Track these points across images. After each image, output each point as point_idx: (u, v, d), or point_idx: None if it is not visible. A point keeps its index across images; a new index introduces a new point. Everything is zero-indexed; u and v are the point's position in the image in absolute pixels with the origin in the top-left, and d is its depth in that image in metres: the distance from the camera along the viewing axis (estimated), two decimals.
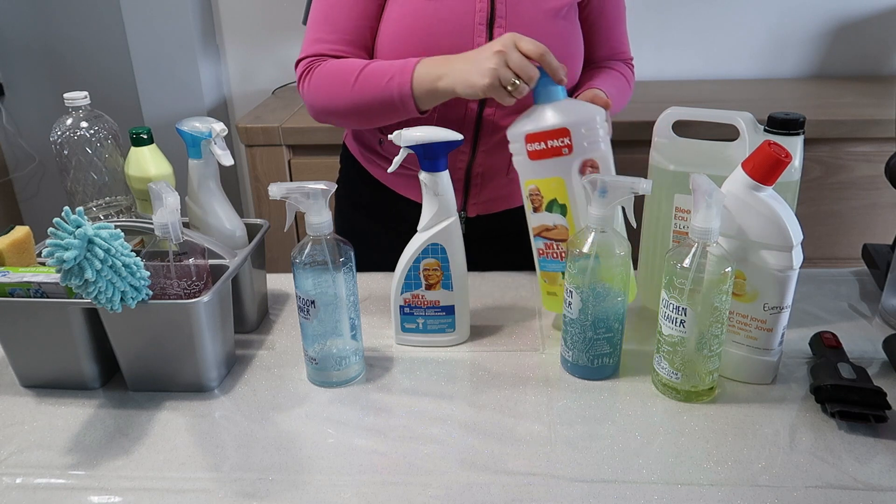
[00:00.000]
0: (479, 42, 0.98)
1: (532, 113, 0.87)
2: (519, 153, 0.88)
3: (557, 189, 0.87)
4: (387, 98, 0.95)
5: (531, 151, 0.86)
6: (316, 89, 1.01)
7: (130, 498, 0.68)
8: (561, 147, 0.85)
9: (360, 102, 0.97)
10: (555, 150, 0.86)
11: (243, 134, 1.79)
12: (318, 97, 1.02)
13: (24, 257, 0.87)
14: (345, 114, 1.01)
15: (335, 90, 0.99)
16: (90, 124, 1.03)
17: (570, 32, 1.05)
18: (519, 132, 0.87)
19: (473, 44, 0.98)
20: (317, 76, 1.01)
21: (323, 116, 1.05)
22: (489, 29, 0.98)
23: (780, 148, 0.74)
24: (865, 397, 0.75)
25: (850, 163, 1.72)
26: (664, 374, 0.80)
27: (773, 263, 0.77)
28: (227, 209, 0.97)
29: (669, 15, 2.10)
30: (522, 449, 0.73)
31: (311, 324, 0.82)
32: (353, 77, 0.97)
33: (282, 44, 2.22)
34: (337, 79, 0.99)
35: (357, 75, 0.97)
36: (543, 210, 0.88)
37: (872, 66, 2.13)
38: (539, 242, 0.91)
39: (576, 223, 0.88)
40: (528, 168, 0.88)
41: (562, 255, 0.90)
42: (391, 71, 0.94)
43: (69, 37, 2.37)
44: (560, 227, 0.89)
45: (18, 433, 0.78)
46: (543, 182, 0.88)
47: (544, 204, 0.88)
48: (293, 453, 0.74)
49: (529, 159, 0.87)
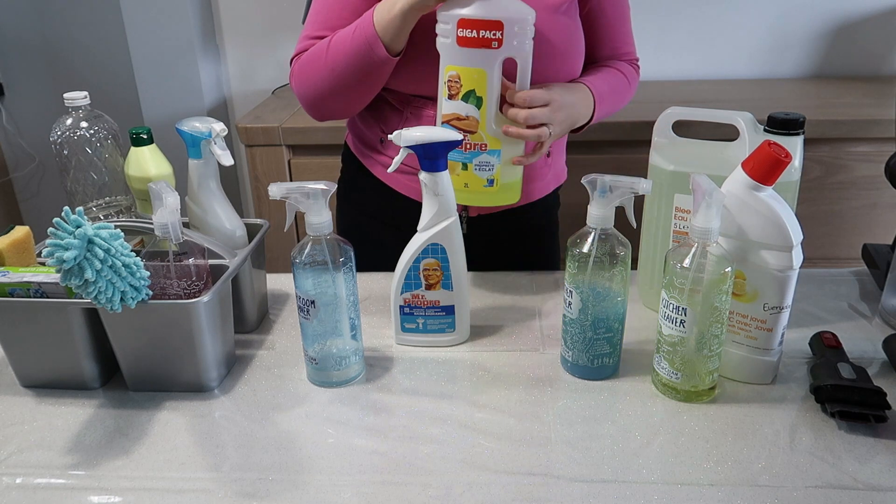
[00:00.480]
0: None
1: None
2: (447, 35, 0.89)
3: (478, 80, 0.88)
4: (358, 52, 0.95)
5: (461, 37, 0.87)
6: (299, 79, 1.04)
7: (130, 498, 0.68)
8: (491, 39, 0.86)
9: (336, 70, 0.99)
10: (485, 41, 0.86)
11: (243, 134, 1.79)
12: (302, 85, 1.04)
13: (24, 257, 0.87)
14: (331, 91, 1.02)
15: (313, 70, 1.01)
16: (90, 124, 1.03)
17: (571, 28, 1.05)
18: (452, 14, 0.87)
19: None
20: (297, 67, 1.05)
21: (313, 106, 1.06)
22: None
23: (780, 148, 0.74)
24: (865, 397, 0.75)
25: (850, 163, 1.72)
26: (664, 374, 0.80)
27: (773, 263, 0.77)
28: (227, 209, 0.97)
29: (669, 15, 2.10)
30: (522, 449, 0.73)
31: (311, 324, 0.82)
32: (324, 50, 0.99)
33: (282, 44, 2.22)
34: (312, 59, 1.01)
35: (327, 46, 0.99)
36: (459, 99, 0.89)
37: (872, 66, 2.13)
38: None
39: (488, 117, 0.90)
40: (452, 53, 0.89)
41: (466, 146, 0.92)
42: (354, 25, 0.97)
43: (69, 37, 2.37)
44: (471, 119, 0.90)
45: (18, 433, 0.78)
46: (465, 70, 0.89)
47: (461, 93, 0.89)
48: (293, 453, 0.74)
49: (457, 45, 0.87)
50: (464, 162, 0.93)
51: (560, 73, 1.04)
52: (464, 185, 0.95)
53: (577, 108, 1.02)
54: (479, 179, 0.93)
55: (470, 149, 0.92)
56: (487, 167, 0.93)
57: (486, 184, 0.93)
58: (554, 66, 1.02)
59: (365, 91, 1.03)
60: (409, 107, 1.06)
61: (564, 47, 1.03)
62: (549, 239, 1.26)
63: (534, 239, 1.23)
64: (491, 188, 0.94)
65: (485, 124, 0.91)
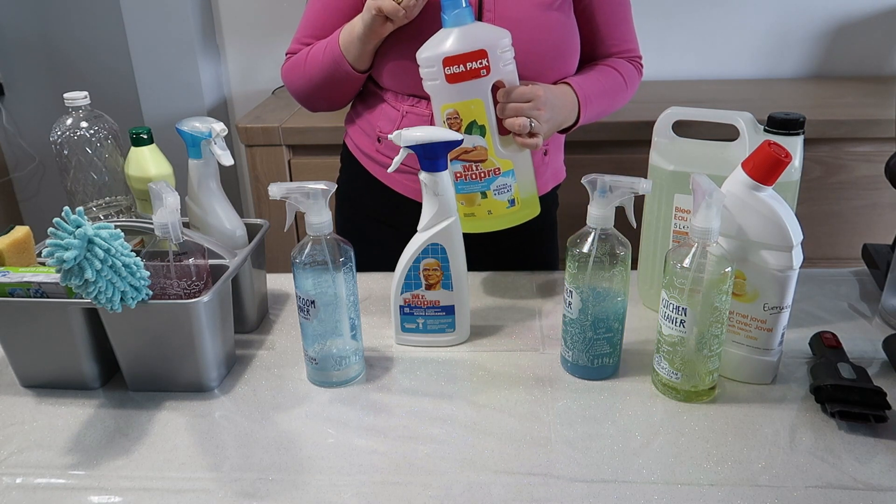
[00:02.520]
0: None
1: (444, 36, 0.89)
2: (434, 77, 0.90)
3: (476, 111, 0.90)
4: (327, 67, 1.05)
5: (449, 75, 0.88)
6: (286, 81, 1.14)
7: (130, 498, 0.68)
8: (479, 69, 0.88)
9: (313, 79, 1.08)
10: (473, 72, 0.88)
11: (243, 134, 1.79)
12: (289, 86, 1.14)
13: (24, 257, 0.87)
14: (311, 94, 1.12)
15: (296, 76, 1.11)
16: (90, 124, 1.03)
17: (564, 25, 1.04)
18: (434, 56, 0.88)
19: None
20: (284, 71, 1.14)
21: (301, 102, 1.16)
22: None
23: (780, 148, 0.74)
24: (865, 397, 0.75)
25: (850, 163, 1.72)
26: (664, 374, 0.80)
27: (773, 263, 0.77)
28: (227, 209, 0.97)
29: (670, 15, 2.10)
30: (522, 449, 0.73)
31: (311, 324, 0.82)
32: (303, 60, 1.08)
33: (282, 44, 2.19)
34: (295, 66, 1.11)
35: (306, 57, 1.08)
36: (462, 132, 0.90)
37: (872, 66, 2.13)
38: (457, 165, 0.94)
39: (494, 142, 0.92)
40: (445, 92, 0.90)
41: (481, 175, 0.93)
42: (326, 41, 1.05)
43: (69, 37, 2.37)
44: (479, 149, 0.92)
45: (18, 433, 0.78)
46: (462, 105, 0.90)
47: (463, 126, 0.90)
48: (293, 453, 0.74)
49: (447, 83, 0.89)
50: (482, 191, 0.94)
51: (552, 70, 1.03)
52: (487, 213, 0.96)
53: (562, 111, 1.01)
54: (501, 203, 0.95)
55: (485, 176, 0.93)
56: (506, 189, 0.94)
57: (509, 205, 0.95)
58: (546, 63, 1.02)
59: (342, 94, 1.13)
60: (406, 106, 1.06)
61: (557, 44, 1.02)
62: (548, 239, 1.26)
63: (533, 239, 1.23)
64: (514, 208, 0.95)
65: (493, 150, 0.93)
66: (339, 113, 1.91)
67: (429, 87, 0.92)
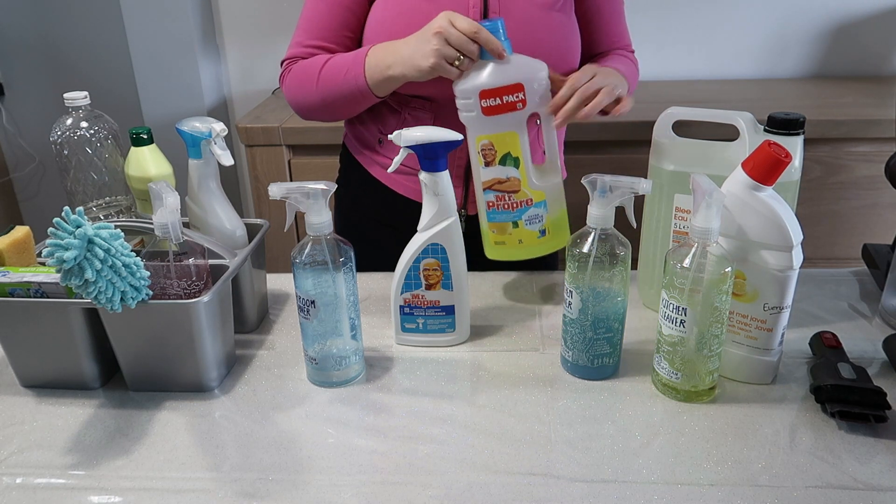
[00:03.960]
0: None
1: (482, 68, 0.89)
2: (470, 109, 0.90)
3: (511, 142, 0.90)
4: (347, 91, 1.01)
5: (486, 107, 0.88)
6: (289, 90, 1.09)
7: (130, 498, 0.68)
8: (516, 102, 0.88)
9: (326, 98, 1.04)
10: (510, 106, 0.88)
11: (243, 134, 1.79)
12: (292, 97, 1.09)
13: (24, 257, 0.87)
14: (318, 109, 1.08)
15: (304, 89, 1.06)
16: (90, 124, 1.03)
17: (567, 25, 1.05)
18: (471, 88, 0.88)
19: None
20: (290, 77, 1.08)
21: (304, 114, 1.11)
22: None
23: (780, 148, 0.74)
24: (865, 397, 0.75)
25: (850, 163, 1.72)
26: (664, 374, 0.80)
27: (773, 263, 0.77)
28: (227, 209, 0.97)
29: (669, 15, 2.10)
30: (522, 449, 0.73)
31: (311, 324, 0.82)
32: (316, 74, 1.03)
33: (282, 44, 2.20)
34: (304, 77, 1.05)
35: (319, 72, 1.03)
36: (496, 164, 0.90)
37: (872, 66, 2.13)
38: (490, 195, 0.93)
39: (528, 174, 0.91)
40: (480, 123, 0.90)
41: (513, 205, 0.93)
42: (347, 64, 1.00)
43: (69, 36, 2.37)
44: (513, 180, 0.92)
45: (18, 433, 0.78)
46: (497, 137, 0.90)
47: (497, 158, 0.90)
48: (293, 453, 0.74)
49: (483, 115, 0.89)
50: (514, 220, 0.94)
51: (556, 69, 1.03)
52: (518, 242, 0.96)
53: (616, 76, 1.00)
54: (532, 233, 0.95)
55: (517, 207, 0.93)
56: (537, 219, 0.94)
57: (539, 235, 0.95)
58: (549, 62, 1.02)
59: (353, 113, 1.10)
60: (407, 108, 1.06)
61: (559, 45, 1.03)
62: None
63: None
64: (544, 237, 0.95)
65: (526, 181, 0.92)
66: None
67: (464, 118, 0.91)
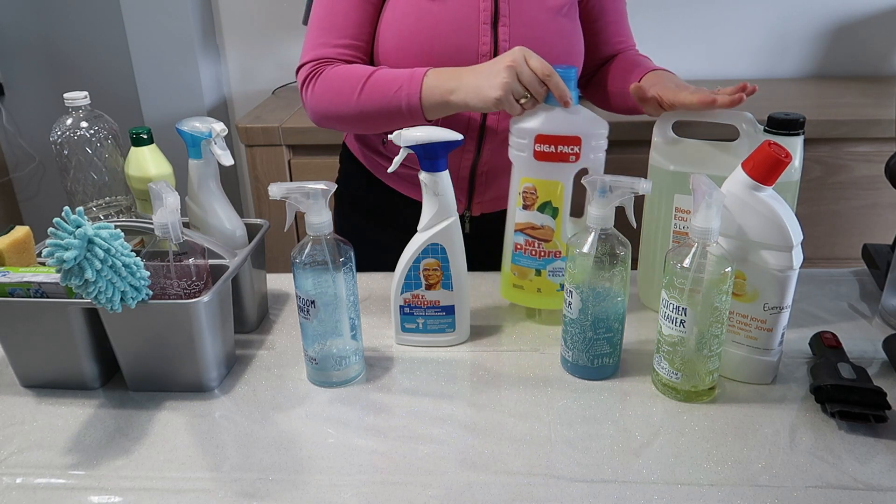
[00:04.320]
0: (484, 41, 0.98)
1: (543, 112, 0.87)
2: (522, 150, 0.88)
3: (554, 192, 0.88)
4: (394, 107, 0.95)
5: (538, 152, 0.86)
6: (320, 95, 1.01)
7: (130, 498, 0.68)
8: (569, 154, 0.86)
9: (365, 110, 0.97)
10: (562, 156, 0.86)
11: (243, 134, 1.79)
12: (322, 103, 1.01)
13: (24, 257, 0.87)
14: (348, 120, 1.01)
15: (340, 97, 0.99)
16: (90, 124, 1.03)
17: (572, 30, 1.05)
18: (528, 129, 0.86)
19: (478, 43, 0.98)
20: (321, 82, 1.00)
21: (325, 122, 1.04)
22: (493, 28, 0.99)
23: (780, 148, 0.74)
24: (865, 397, 0.75)
25: (850, 163, 1.72)
26: (664, 374, 0.80)
27: (773, 263, 0.77)
28: (227, 209, 0.97)
29: (670, 15, 2.10)
30: (522, 449, 0.73)
31: (311, 324, 0.82)
32: (359, 84, 0.97)
33: (282, 44, 2.22)
34: (343, 85, 0.98)
35: (364, 83, 0.96)
36: (535, 209, 0.89)
37: (872, 66, 2.13)
38: (520, 238, 0.92)
39: (563, 226, 0.89)
40: (528, 166, 0.88)
41: (541, 254, 0.91)
42: (399, 80, 0.94)
43: (69, 36, 2.37)
44: (546, 228, 0.90)
45: (18, 433, 0.78)
46: (542, 183, 0.88)
47: (537, 204, 0.88)
48: (293, 453, 0.74)
49: (534, 158, 0.87)
50: (537, 269, 0.93)
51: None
52: (536, 290, 0.94)
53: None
54: (552, 284, 0.93)
55: (545, 256, 0.92)
56: (561, 273, 0.92)
57: (559, 288, 0.93)
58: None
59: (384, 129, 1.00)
60: None
61: (567, 49, 1.04)
62: None
63: None
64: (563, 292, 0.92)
65: (559, 233, 0.90)
66: None
67: (514, 156, 0.90)
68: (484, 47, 0.99)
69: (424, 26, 0.98)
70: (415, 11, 0.99)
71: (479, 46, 0.98)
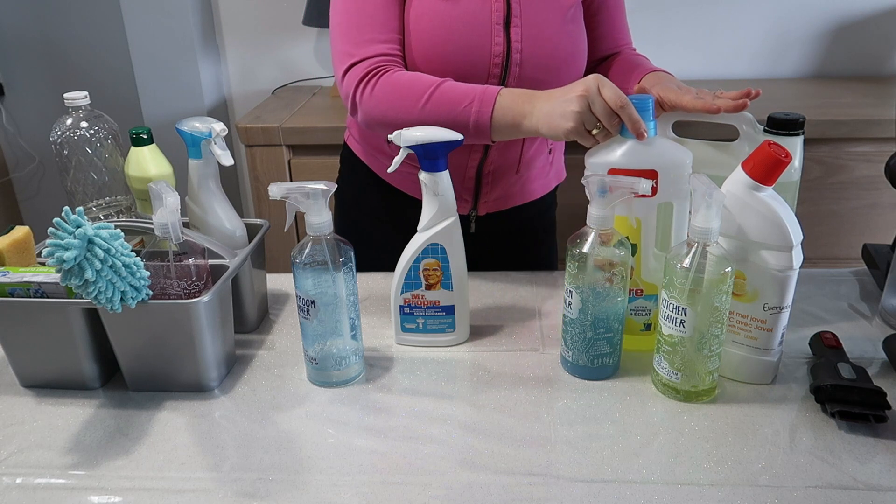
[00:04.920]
0: (497, 42, 0.98)
1: (619, 144, 0.82)
2: None
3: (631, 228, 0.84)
4: (460, 122, 0.91)
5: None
6: (379, 101, 0.96)
7: (130, 498, 0.68)
8: None
9: (427, 120, 0.92)
10: None
11: (243, 134, 1.79)
12: (381, 108, 0.96)
13: (24, 257, 0.87)
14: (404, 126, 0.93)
15: (403, 105, 0.94)
16: (90, 124, 1.03)
17: (578, 33, 1.06)
18: (602, 163, 0.82)
19: (491, 43, 0.98)
20: (382, 86, 0.95)
21: (377, 127, 0.99)
22: (506, 29, 0.99)
23: (780, 148, 0.74)
24: (865, 397, 0.75)
25: (850, 163, 1.72)
26: (664, 374, 0.80)
27: (773, 263, 0.77)
28: (227, 209, 0.97)
29: (669, 15, 2.10)
30: (522, 449, 0.73)
31: (311, 324, 0.82)
32: (425, 94, 0.92)
33: (282, 44, 2.22)
34: (407, 93, 0.94)
35: (431, 93, 0.92)
36: (612, 245, 0.81)
37: (872, 66, 2.13)
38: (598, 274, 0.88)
39: (644, 263, 0.86)
40: None
41: None
42: (471, 95, 0.91)
43: (69, 36, 2.37)
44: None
45: (18, 433, 0.78)
46: (619, 218, 0.83)
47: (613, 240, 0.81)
48: (293, 453, 0.74)
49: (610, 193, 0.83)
50: None
51: (567, 75, 1.04)
52: None
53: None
54: (636, 324, 0.90)
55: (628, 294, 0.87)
56: (644, 312, 0.89)
57: (643, 328, 0.90)
58: (563, 69, 1.03)
59: None
60: None
61: (573, 52, 1.04)
62: (547, 239, 1.26)
63: (533, 239, 1.23)
64: (648, 332, 0.90)
65: (640, 270, 0.86)
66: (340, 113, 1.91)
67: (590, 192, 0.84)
68: (497, 47, 0.99)
69: (438, 25, 0.98)
70: (429, 12, 0.99)
71: (492, 47, 0.98)
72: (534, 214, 1.20)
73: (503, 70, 1.00)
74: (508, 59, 0.99)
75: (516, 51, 0.99)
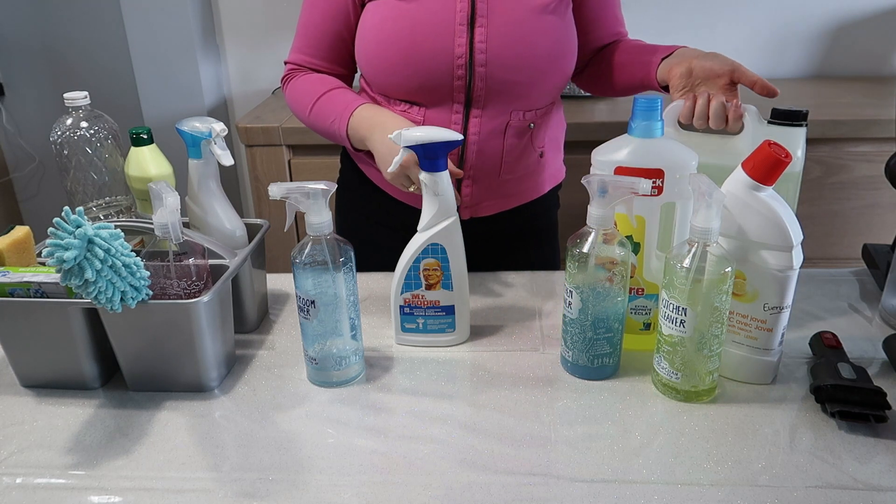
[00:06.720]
0: (460, 43, 0.97)
1: (624, 144, 0.83)
2: None
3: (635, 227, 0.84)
4: (334, 135, 1.05)
5: None
6: (289, 101, 1.12)
7: (130, 498, 0.68)
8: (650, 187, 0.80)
9: (314, 129, 1.09)
10: None
11: (243, 134, 1.79)
12: (291, 107, 1.13)
13: (24, 257, 0.87)
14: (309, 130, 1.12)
15: (298, 109, 1.10)
16: (90, 124, 1.03)
17: (560, 27, 1.02)
18: (608, 161, 0.83)
19: (454, 45, 0.97)
20: (290, 90, 1.11)
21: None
22: (470, 28, 0.97)
23: (779, 148, 0.74)
24: (865, 397, 0.75)
25: (850, 163, 1.72)
26: (664, 374, 0.80)
27: (773, 263, 0.77)
28: (227, 209, 0.97)
29: (669, 14, 2.10)
30: (522, 449, 0.73)
31: (311, 324, 0.82)
32: (308, 107, 1.07)
33: (282, 44, 2.22)
34: (300, 100, 1.09)
35: (312, 106, 1.06)
36: (615, 244, 0.81)
37: (872, 66, 2.13)
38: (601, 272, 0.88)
39: (646, 262, 0.86)
40: None
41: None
42: (335, 112, 1.03)
43: (69, 37, 2.37)
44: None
45: (18, 433, 0.78)
46: (622, 217, 0.84)
47: (617, 238, 0.82)
48: (293, 453, 0.74)
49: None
50: None
51: (549, 73, 1.03)
52: None
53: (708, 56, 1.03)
54: (635, 323, 0.90)
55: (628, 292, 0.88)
56: (644, 311, 0.89)
57: (643, 327, 0.90)
58: (542, 66, 1.01)
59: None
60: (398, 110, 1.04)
61: (552, 48, 1.01)
62: (548, 239, 1.26)
63: (533, 239, 1.22)
64: (647, 331, 0.90)
65: (642, 269, 0.87)
66: None
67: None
68: (459, 49, 0.97)
69: (401, 28, 0.97)
70: (392, 15, 0.98)
71: (454, 48, 0.97)
72: (532, 216, 1.19)
73: (468, 72, 0.98)
74: (472, 60, 0.98)
75: (480, 51, 0.97)
